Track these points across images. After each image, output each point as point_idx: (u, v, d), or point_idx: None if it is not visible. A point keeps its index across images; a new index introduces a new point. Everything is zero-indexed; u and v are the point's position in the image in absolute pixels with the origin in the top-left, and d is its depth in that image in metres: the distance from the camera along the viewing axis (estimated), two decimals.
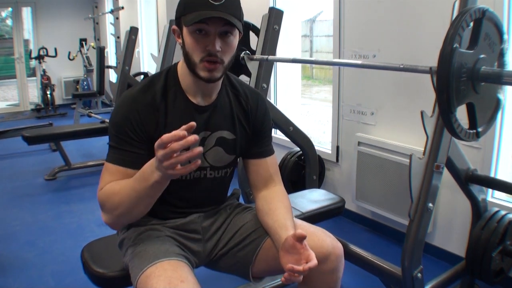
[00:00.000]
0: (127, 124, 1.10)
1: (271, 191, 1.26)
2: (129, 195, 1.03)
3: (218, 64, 1.08)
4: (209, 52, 1.06)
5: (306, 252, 1.02)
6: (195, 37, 1.07)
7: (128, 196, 1.03)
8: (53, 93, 6.75)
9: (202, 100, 1.18)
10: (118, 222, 1.14)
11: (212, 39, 1.06)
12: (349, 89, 2.60)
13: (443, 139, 1.39)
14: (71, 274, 2.10)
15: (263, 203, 1.23)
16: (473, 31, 1.23)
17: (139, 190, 1.01)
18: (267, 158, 1.29)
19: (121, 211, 1.06)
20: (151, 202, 1.07)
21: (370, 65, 2.20)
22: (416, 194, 1.40)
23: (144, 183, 0.99)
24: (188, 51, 1.09)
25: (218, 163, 1.25)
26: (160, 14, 4.97)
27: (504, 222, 1.58)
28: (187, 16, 1.05)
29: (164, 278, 0.98)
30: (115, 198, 1.05)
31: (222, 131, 1.22)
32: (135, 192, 1.02)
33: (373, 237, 2.52)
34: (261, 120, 1.28)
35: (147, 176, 0.98)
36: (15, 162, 4.24)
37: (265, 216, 1.20)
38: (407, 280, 1.45)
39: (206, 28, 1.05)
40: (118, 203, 1.05)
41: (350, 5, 2.50)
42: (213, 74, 1.09)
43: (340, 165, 2.75)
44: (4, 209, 3.00)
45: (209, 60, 1.07)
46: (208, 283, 1.09)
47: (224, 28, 1.06)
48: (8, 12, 8.24)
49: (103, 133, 3.96)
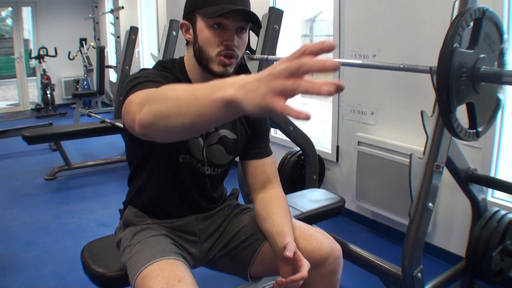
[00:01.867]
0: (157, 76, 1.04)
1: (269, 193, 1.24)
2: (185, 93, 0.72)
3: (233, 59, 1.08)
4: (227, 46, 1.06)
5: (300, 263, 1.02)
6: (213, 30, 1.06)
7: (184, 91, 0.73)
8: (53, 92, 6.74)
9: None
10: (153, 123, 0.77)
11: (230, 34, 1.06)
12: (349, 89, 2.60)
13: (443, 139, 1.39)
14: (71, 274, 2.10)
15: (261, 207, 1.22)
16: (473, 31, 1.23)
17: (197, 97, 0.69)
18: (265, 159, 1.28)
19: (167, 107, 0.74)
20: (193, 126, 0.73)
21: (370, 65, 2.20)
22: (416, 194, 1.40)
23: (207, 93, 0.67)
24: (203, 45, 1.08)
25: (217, 161, 1.24)
26: (160, 14, 4.97)
27: (504, 222, 1.58)
28: (207, 9, 1.04)
29: (162, 278, 0.97)
30: (168, 90, 0.77)
31: (224, 129, 1.21)
32: (192, 96, 0.70)
33: (373, 237, 2.52)
34: (260, 120, 1.28)
35: (217, 87, 0.66)
36: (15, 162, 4.24)
37: (263, 221, 1.19)
38: (407, 280, 1.45)
39: (225, 23, 1.05)
40: (170, 95, 0.75)
41: (350, 5, 2.50)
42: (227, 69, 1.09)
43: (340, 165, 2.75)
44: (4, 209, 3.00)
45: (226, 55, 1.07)
46: (207, 283, 1.09)
47: (241, 23, 1.07)
48: (8, 12, 8.24)
49: (103, 133, 3.97)
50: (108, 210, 2.95)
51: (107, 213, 2.90)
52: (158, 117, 0.75)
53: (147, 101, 0.79)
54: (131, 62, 4.46)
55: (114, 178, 3.68)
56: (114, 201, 3.08)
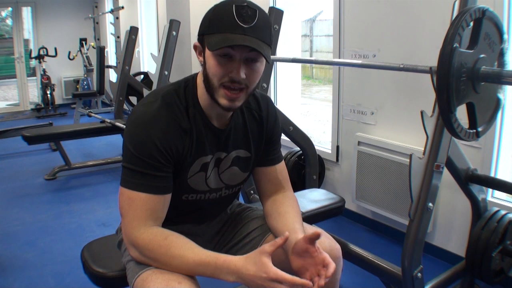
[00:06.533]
0: (152, 146, 0.98)
1: (281, 196, 1.22)
2: (186, 270, 0.98)
3: (241, 92, 1.00)
4: (231, 78, 0.97)
5: (321, 256, 0.98)
6: (218, 60, 0.97)
7: (181, 265, 0.97)
8: (53, 92, 6.74)
9: (217, 121, 1.11)
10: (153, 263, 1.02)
11: (236, 65, 0.96)
12: (349, 89, 2.60)
13: (443, 139, 1.39)
14: (71, 274, 2.10)
15: (272, 208, 1.20)
16: (473, 31, 1.23)
17: (197, 271, 0.97)
18: (277, 165, 1.25)
19: (161, 266, 1.00)
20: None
21: (370, 65, 2.19)
22: (416, 194, 1.40)
23: (210, 271, 0.96)
24: (209, 74, 1.00)
25: (233, 182, 1.20)
26: (160, 14, 4.96)
27: (504, 222, 1.58)
28: (212, 36, 0.96)
29: (162, 279, 0.97)
30: (170, 264, 0.98)
31: (238, 150, 1.17)
32: (195, 273, 0.98)
33: (373, 237, 2.52)
34: (272, 127, 1.23)
35: (217, 273, 0.95)
36: (15, 162, 4.24)
37: (274, 220, 1.17)
38: (407, 280, 1.45)
39: (231, 53, 0.95)
40: (163, 262, 0.98)
41: (350, 5, 2.50)
42: (234, 103, 1.00)
43: (340, 165, 2.75)
44: (4, 209, 3.00)
45: (231, 87, 0.98)
46: (207, 284, 1.08)
47: (250, 54, 0.96)
48: (8, 12, 8.24)
49: (103, 132, 3.97)
50: (108, 210, 2.95)
51: (107, 213, 2.90)
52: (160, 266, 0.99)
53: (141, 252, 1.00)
54: (131, 62, 4.46)
55: (114, 178, 3.68)
56: (114, 201, 3.08)
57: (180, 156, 1.05)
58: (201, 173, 1.12)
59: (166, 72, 3.53)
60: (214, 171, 1.15)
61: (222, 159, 1.15)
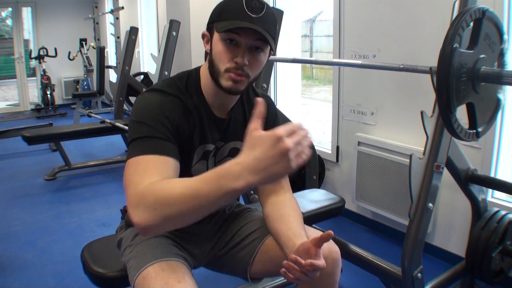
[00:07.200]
0: (158, 113, 1.01)
1: (281, 197, 1.21)
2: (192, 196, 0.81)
3: (244, 78, 1.05)
4: (236, 64, 1.02)
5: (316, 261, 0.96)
6: (225, 45, 1.02)
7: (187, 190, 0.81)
8: (53, 93, 6.75)
9: (219, 110, 1.15)
10: (160, 225, 0.86)
11: (241, 51, 1.02)
12: (349, 89, 2.60)
13: (443, 139, 1.39)
14: (71, 274, 2.10)
15: (274, 209, 1.18)
16: (473, 31, 1.23)
17: (204, 194, 0.78)
18: None
19: (174, 212, 0.82)
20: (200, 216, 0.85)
21: (370, 65, 2.20)
22: (416, 194, 1.40)
23: (215, 189, 0.77)
24: (215, 59, 1.05)
25: None
26: (160, 14, 4.96)
27: (504, 222, 1.58)
28: (221, 22, 1.02)
29: (162, 278, 0.98)
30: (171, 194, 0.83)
31: (236, 142, 1.20)
32: (199, 195, 0.79)
33: (373, 237, 2.52)
34: (271, 125, 1.21)
35: (223, 182, 0.76)
36: (15, 162, 4.24)
37: (276, 222, 1.15)
38: (407, 280, 1.45)
39: (237, 39, 1.01)
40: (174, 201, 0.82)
41: (350, 5, 2.50)
42: (237, 86, 1.05)
43: (340, 165, 2.75)
44: (4, 209, 3.00)
45: (235, 73, 1.03)
46: (207, 283, 1.09)
47: (256, 42, 1.02)
48: (8, 12, 8.24)
49: (103, 133, 3.97)
50: (108, 210, 2.95)
51: (107, 213, 2.90)
52: (167, 220, 0.83)
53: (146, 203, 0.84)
54: (131, 62, 4.46)
55: (114, 178, 3.68)
56: (114, 201, 3.09)
57: (185, 137, 1.07)
58: (202, 161, 1.16)
59: (166, 73, 3.54)
60: (211, 160, 1.18)
61: (219, 148, 1.19)
